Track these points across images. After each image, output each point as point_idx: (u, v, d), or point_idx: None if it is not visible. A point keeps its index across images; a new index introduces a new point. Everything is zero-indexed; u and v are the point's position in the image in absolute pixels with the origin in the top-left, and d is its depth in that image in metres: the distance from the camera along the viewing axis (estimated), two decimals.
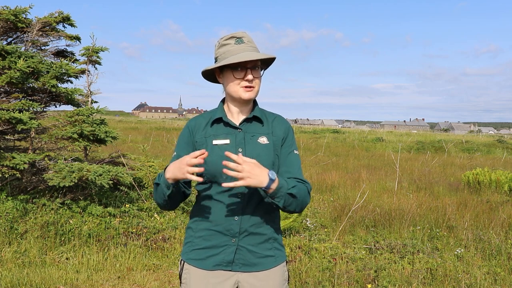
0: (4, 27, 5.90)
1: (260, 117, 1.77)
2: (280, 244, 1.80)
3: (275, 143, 1.75)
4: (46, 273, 3.99)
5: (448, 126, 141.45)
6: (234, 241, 1.69)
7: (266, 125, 1.78)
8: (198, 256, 1.73)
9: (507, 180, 8.88)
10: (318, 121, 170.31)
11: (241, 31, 1.74)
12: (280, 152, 1.77)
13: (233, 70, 1.69)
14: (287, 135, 1.81)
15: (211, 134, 1.74)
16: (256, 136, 1.74)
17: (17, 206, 5.05)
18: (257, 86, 1.73)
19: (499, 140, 28.85)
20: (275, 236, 1.78)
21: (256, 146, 1.72)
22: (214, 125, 1.76)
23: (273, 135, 1.76)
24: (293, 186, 1.64)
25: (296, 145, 1.84)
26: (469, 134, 55.25)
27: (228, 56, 1.69)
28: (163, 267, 4.39)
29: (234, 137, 1.73)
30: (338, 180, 9.73)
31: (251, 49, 1.71)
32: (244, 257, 1.71)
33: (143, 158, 7.53)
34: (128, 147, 14.99)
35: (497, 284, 4.09)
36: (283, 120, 1.84)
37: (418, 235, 5.41)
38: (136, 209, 5.69)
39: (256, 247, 1.72)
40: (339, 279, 4.06)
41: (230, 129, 1.75)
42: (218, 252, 1.70)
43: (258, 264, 1.72)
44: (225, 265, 1.70)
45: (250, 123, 1.77)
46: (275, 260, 1.76)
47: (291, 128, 1.84)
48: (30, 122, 5.12)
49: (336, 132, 35.92)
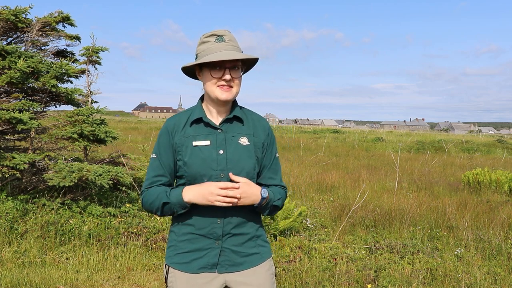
0: (4, 27, 5.90)
1: (240, 116, 1.74)
2: (264, 240, 1.81)
3: (256, 144, 1.73)
4: (46, 273, 3.99)
5: (448, 126, 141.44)
6: (218, 243, 1.68)
7: (246, 124, 1.75)
8: (183, 259, 1.71)
9: (507, 180, 8.88)
10: (318, 121, 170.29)
11: (223, 29, 1.69)
12: (264, 156, 1.76)
13: (211, 69, 1.65)
14: (270, 137, 1.79)
15: (191, 135, 1.70)
16: (236, 136, 1.71)
17: (17, 206, 5.05)
18: (236, 87, 1.68)
19: (499, 140, 28.85)
20: (258, 233, 1.78)
21: (237, 147, 1.69)
22: (194, 125, 1.71)
23: (254, 136, 1.74)
24: (278, 198, 1.72)
25: (276, 146, 1.84)
26: (469, 134, 55.25)
27: (207, 54, 1.64)
28: (163, 267, 4.39)
29: (214, 137, 1.69)
30: (338, 180, 9.73)
31: (232, 48, 1.66)
32: (229, 258, 1.70)
33: (143, 158, 7.53)
34: (128, 147, 14.99)
35: (497, 284, 4.09)
36: (263, 120, 1.82)
37: (418, 235, 5.41)
38: (136, 209, 5.69)
39: (240, 247, 1.72)
40: (339, 279, 4.06)
41: (210, 129, 1.70)
42: (202, 255, 1.69)
43: (243, 263, 1.72)
44: (209, 267, 1.69)
45: (230, 123, 1.73)
46: (261, 256, 1.77)
47: (271, 127, 1.83)
48: (30, 122, 5.12)
49: (336, 132, 35.91)
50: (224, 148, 1.67)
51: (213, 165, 1.65)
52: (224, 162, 1.66)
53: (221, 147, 1.67)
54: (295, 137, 27.16)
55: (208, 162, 1.65)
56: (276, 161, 1.81)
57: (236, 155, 1.67)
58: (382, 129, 79.26)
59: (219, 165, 1.65)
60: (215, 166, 1.65)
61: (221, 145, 1.68)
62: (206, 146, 1.67)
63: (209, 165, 1.65)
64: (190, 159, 1.66)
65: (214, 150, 1.66)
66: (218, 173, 1.65)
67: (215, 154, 1.66)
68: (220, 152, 1.66)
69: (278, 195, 1.74)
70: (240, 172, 1.66)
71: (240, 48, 1.71)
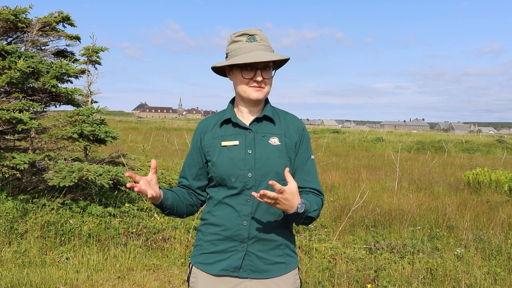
0: (4, 27, 5.90)
1: (271, 116, 1.68)
2: (292, 250, 1.72)
3: (287, 145, 1.66)
4: (46, 273, 3.99)
5: (448, 126, 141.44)
6: (243, 246, 1.63)
7: (278, 125, 1.69)
8: (206, 260, 1.68)
9: (507, 180, 8.87)
10: (318, 121, 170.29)
11: (255, 28, 1.65)
12: (297, 157, 1.69)
13: (242, 70, 1.61)
14: (303, 137, 1.72)
15: (220, 135, 1.67)
16: (267, 136, 1.65)
17: (17, 206, 5.05)
18: (268, 87, 1.65)
19: (499, 140, 28.83)
20: (287, 242, 1.70)
21: (266, 147, 1.64)
22: (223, 126, 1.69)
23: (286, 136, 1.67)
24: (315, 209, 1.59)
25: (311, 148, 1.76)
26: (469, 134, 55.25)
27: (238, 54, 1.61)
28: (163, 267, 4.39)
29: (243, 138, 1.65)
30: (338, 180, 9.73)
31: (263, 48, 1.62)
32: (252, 263, 1.63)
33: (143, 158, 7.53)
34: (128, 147, 15.00)
35: (497, 284, 4.09)
36: (297, 120, 1.75)
37: (418, 235, 5.41)
38: (136, 209, 5.69)
39: (266, 253, 1.64)
40: (339, 279, 4.06)
41: (239, 129, 1.67)
42: (226, 257, 1.64)
43: (267, 270, 1.64)
44: (232, 270, 1.63)
45: (260, 123, 1.68)
46: (286, 267, 1.68)
47: (306, 129, 1.75)
48: (30, 122, 5.12)
49: (336, 132, 35.91)
50: (253, 148, 1.63)
51: (240, 164, 1.61)
52: (252, 162, 1.61)
53: (250, 147, 1.63)
54: None
55: (236, 162, 1.61)
56: (311, 163, 1.72)
57: (265, 154, 1.62)
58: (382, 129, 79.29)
59: (247, 164, 1.61)
60: (242, 165, 1.61)
61: (250, 145, 1.63)
62: (234, 146, 1.63)
63: (236, 165, 1.61)
64: (218, 159, 1.63)
65: (242, 150, 1.63)
66: (245, 172, 1.60)
67: (243, 154, 1.62)
68: (249, 152, 1.62)
69: (315, 205, 1.60)
70: (269, 172, 1.61)
71: (271, 47, 1.67)
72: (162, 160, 11.81)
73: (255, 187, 1.61)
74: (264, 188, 1.58)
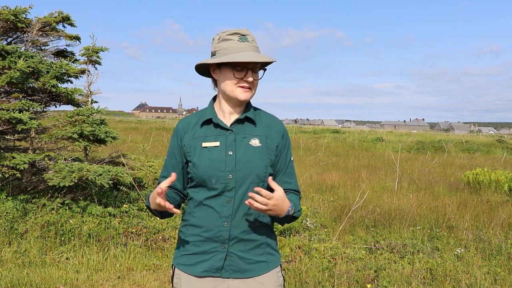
0: (4, 27, 5.90)
1: (252, 118, 1.68)
2: (273, 248, 1.73)
3: (268, 146, 1.67)
4: (46, 273, 3.99)
5: (448, 126, 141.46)
6: (224, 247, 1.63)
7: (259, 126, 1.69)
8: (188, 261, 1.69)
9: (507, 180, 8.87)
10: (318, 121, 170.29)
11: (245, 29, 1.65)
12: (280, 160, 1.71)
13: (234, 69, 1.61)
14: (285, 140, 1.73)
15: (200, 136, 1.66)
16: (247, 137, 1.65)
17: (17, 206, 5.05)
18: (255, 88, 1.66)
19: (499, 140, 28.84)
20: (268, 241, 1.71)
21: (247, 149, 1.64)
22: (204, 126, 1.68)
23: (268, 138, 1.68)
24: (298, 209, 1.67)
25: (291, 150, 1.78)
26: (469, 134, 55.25)
27: (230, 53, 1.59)
28: (163, 267, 4.39)
29: (224, 139, 1.64)
30: (338, 180, 9.73)
31: (254, 49, 1.63)
32: (234, 263, 1.65)
33: (143, 158, 7.53)
34: (128, 147, 15.00)
35: (497, 284, 4.09)
36: (278, 122, 1.75)
37: (418, 235, 5.41)
38: (136, 209, 5.69)
39: (247, 253, 1.66)
40: (339, 279, 4.06)
41: (220, 130, 1.66)
42: (208, 258, 1.65)
43: (249, 270, 1.66)
44: (213, 271, 1.65)
45: (241, 124, 1.68)
46: (267, 265, 1.69)
47: (286, 130, 1.77)
48: (30, 122, 5.12)
49: (336, 132, 35.92)
50: (234, 149, 1.63)
51: (221, 166, 1.61)
52: (232, 163, 1.61)
53: (231, 148, 1.63)
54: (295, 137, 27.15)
55: (216, 163, 1.61)
56: (291, 165, 1.75)
57: (246, 156, 1.62)
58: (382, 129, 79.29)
59: (228, 166, 1.61)
60: (223, 167, 1.61)
61: (231, 146, 1.63)
62: (215, 147, 1.63)
63: (217, 166, 1.61)
64: (199, 160, 1.63)
65: (223, 151, 1.62)
66: (226, 174, 1.61)
67: (224, 155, 1.62)
68: (229, 153, 1.62)
69: (298, 206, 1.68)
70: (250, 174, 1.62)
71: (259, 49, 1.68)
72: (162, 160, 11.80)
73: (235, 189, 1.62)
74: (245, 190, 1.62)
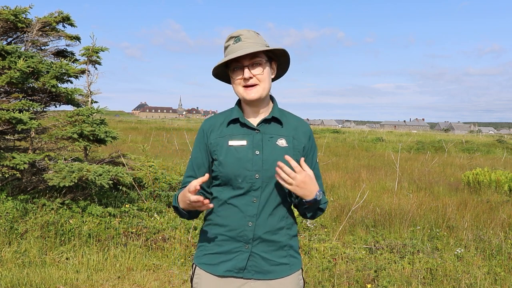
0: (4, 27, 5.90)
1: (279, 118, 1.68)
2: (295, 251, 1.72)
3: (295, 147, 1.67)
4: (46, 273, 3.99)
5: (448, 126, 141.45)
6: (247, 247, 1.63)
7: (285, 126, 1.69)
8: (210, 261, 1.67)
9: (507, 180, 8.87)
10: (318, 121, 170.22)
11: (241, 29, 1.65)
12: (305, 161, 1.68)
13: (233, 72, 1.63)
14: (311, 142, 1.73)
15: (227, 134, 1.66)
16: (274, 138, 1.65)
17: (17, 206, 5.05)
18: (262, 84, 1.62)
19: (499, 140, 28.84)
20: (291, 243, 1.70)
21: (274, 148, 1.63)
22: (230, 125, 1.68)
23: (295, 139, 1.68)
24: (325, 202, 1.68)
25: (317, 152, 1.78)
26: (469, 134, 55.24)
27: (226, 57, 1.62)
28: (163, 267, 4.39)
29: (251, 138, 1.64)
30: (338, 180, 9.73)
31: (248, 45, 1.60)
32: (257, 264, 1.64)
33: (143, 158, 7.53)
34: (128, 147, 14.99)
35: (497, 284, 4.09)
36: (304, 123, 1.75)
37: (418, 235, 5.41)
38: (136, 209, 5.69)
39: (270, 254, 1.64)
40: (339, 279, 4.06)
41: (247, 129, 1.66)
42: (231, 258, 1.64)
43: (271, 271, 1.65)
44: (236, 271, 1.63)
45: (268, 124, 1.68)
46: (290, 268, 1.68)
47: (312, 132, 1.77)
48: (30, 122, 5.12)
49: (336, 132, 35.90)
50: (261, 149, 1.62)
51: (248, 165, 1.60)
52: (259, 163, 1.61)
53: (258, 147, 1.62)
54: None
55: (243, 162, 1.60)
56: (317, 167, 1.75)
57: (273, 156, 1.61)
58: (382, 129, 79.28)
59: (254, 165, 1.60)
60: (250, 166, 1.60)
61: (258, 146, 1.63)
62: (242, 146, 1.63)
63: (244, 165, 1.60)
64: (225, 158, 1.62)
65: (250, 151, 1.62)
66: (252, 173, 1.60)
67: (251, 155, 1.61)
68: (256, 153, 1.61)
69: (324, 199, 1.68)
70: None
71: (262, 43, 1.65)
72: (162, 160, 11.81)
73: (261, 188, 1.61)
74: (270, 190, 1.62)
